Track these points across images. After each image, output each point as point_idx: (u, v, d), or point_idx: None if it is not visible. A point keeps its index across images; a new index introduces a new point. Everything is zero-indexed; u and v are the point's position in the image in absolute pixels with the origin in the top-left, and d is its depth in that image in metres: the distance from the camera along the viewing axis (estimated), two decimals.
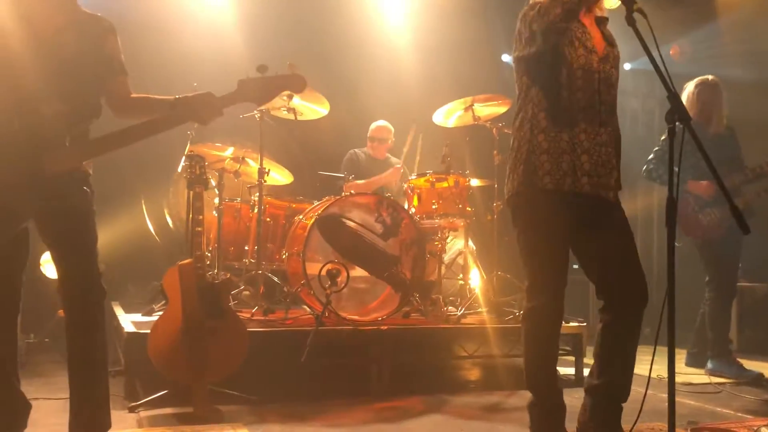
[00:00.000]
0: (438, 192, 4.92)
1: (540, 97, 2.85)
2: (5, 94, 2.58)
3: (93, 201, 2.72)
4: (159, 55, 5.61)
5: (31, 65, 2.59)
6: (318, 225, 4.52)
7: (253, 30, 6.26)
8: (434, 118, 5.43)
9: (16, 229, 2.65)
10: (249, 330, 3.75)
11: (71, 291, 2.62)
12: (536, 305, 2.87)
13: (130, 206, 6.15)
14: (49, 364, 4.78)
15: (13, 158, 2.54)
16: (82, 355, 2.67)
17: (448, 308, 5.00)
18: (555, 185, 2.79)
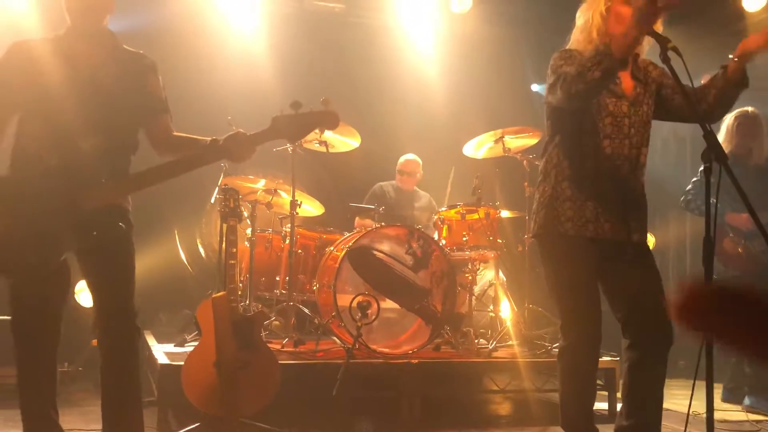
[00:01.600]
0: (468, 224, 4.92)
1: (564, 144, 2.87)
2: (46, 130, 2.66)
3: (132, 236, 2.77)
4: (194, 88, 5.70)
5: (71, 102, 2.67)
6: (349, 257, 4.54)
7: (286, 63, 6.35)
8: (464, 149, 5.45)
9: (56, 261, 2.70)
10: (280, 362, 3.76)
11: (107, 325, 2.67)
12: (570, 343, 2.85)
13: (164, 236, 6.23)
14: (82, 393, 4.83)
15: (52, 193, 2.61)
16: (117, 388, 2.71)
17: (479, 341, 4.96)
18: (576, 231, 2.80)
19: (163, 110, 2.89)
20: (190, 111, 3.49)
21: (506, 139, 5.24)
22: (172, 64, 3.03)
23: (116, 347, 2.70)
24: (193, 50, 6.03)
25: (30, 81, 2.68)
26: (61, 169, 2.63)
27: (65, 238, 2.66)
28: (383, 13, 6.78)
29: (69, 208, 2.61)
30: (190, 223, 6.45)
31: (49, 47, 2.76)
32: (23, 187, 2.63)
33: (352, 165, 6.10)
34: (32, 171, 2.66)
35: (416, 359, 4.33)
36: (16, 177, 2.69)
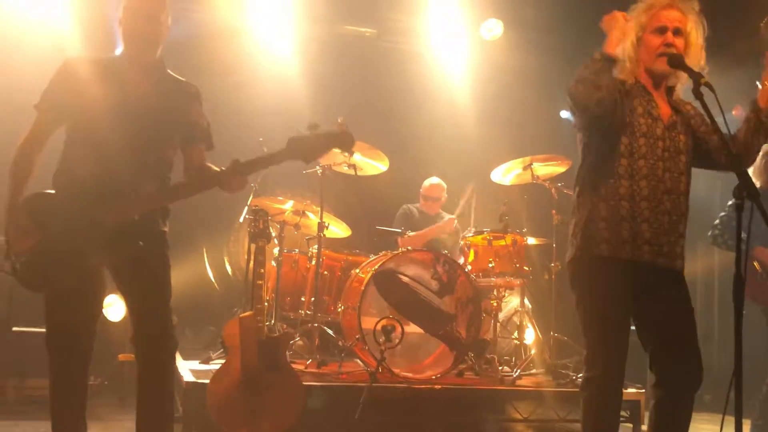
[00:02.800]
0: (495, 250, 4.92)
1: (598, 165, 2.85)
2: (89, 153, 2.74)
3: (167, 253, 2.83)
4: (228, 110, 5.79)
5: (117, 127, 2.75)
6: (374, 280, 4.56)
7: (317, 86, 6.44)
8: (492, 175, 5.46)
9: (86, 276, 2.75)
10: (304, 383, 3.78)
11: (144, 343, 2.72)
12: (595, 375, 2.82)
13: (192, 253, 6.31)
14: (106, 407, 4.88)
15: (87, 212, 2.68)
16: (151, 404, 2.76)
17: (503, 368, 4.95)
18: (612, 252, 2.75)
19: (201, 140, 2.96)
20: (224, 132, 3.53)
21: (535, 166, 5.24)
22: (206, 87, 3.09)
23: (153, 361, 2.75)
24: (227, 73, 6.14)
25: (78, 99, 2.76)
26: (99, 191, 2.70)
27: (95, 254, 2.71)
28: (414, 38, 6.85)
29: (95, 223, 2.67)
30: (219, 241, 6.53)
31: (100, 69, 2.84)
32: (62, 206, 2.70)
33: (380, 188, 6.14)
34: (72, 191, 2.73)
35: (439, 385, 4.32)
36: (57, 196, 2.76)
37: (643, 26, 2.81)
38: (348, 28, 6.70)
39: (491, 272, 4.91)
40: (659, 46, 2.78)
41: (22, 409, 4.70)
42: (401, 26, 6.78)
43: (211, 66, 5.91)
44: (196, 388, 3.85)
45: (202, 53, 5.96)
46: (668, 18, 2.80)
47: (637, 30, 2.81)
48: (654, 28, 2.80)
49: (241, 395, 3.52)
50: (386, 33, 6.82)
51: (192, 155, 2.94)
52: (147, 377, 2.78)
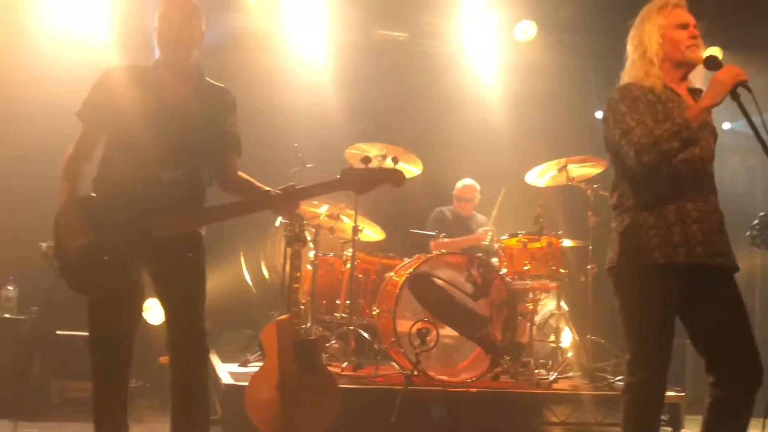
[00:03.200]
0: (530, 252, 4.90)
1: (636, 175, 2.79)
2: (128, 159, 2.79)
3: (204, 261, 2.88)
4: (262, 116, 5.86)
5: (155, 133, 2.80)
6: (408, 283, 4.58)
7: (351, 90, 6.48)
8: (527, 177, 5.43)
9: (127, 282, 2.81)
10: (340, 386, 3.81)
11: (177, 348, 2.78)
12: (638, 380, 2.79)
13: (230, 257, 6.40)
14: (148, 410, 4.98)
15: (128, 219, 2.74)
16: (186, 409, 2.81)
17: (540, 371, 4.92)
18: (667, 258, 2.71)
19: (235, 149, 3.00)
20: (259, 137, 3.59)
21: (570, 167, 5.21)
22: (240, 92, 3.14)
23: (186, 366, 2.81)
24: (261, 78, 6.21)
25: (118, 108, 2.82)
26: (139, 197, 2.76)
27: (137, 261, 2.79)
28: (447, 42, 6.85)
29: (143, 233, 2.73)
30: (255, 245, 6.60)
31: (138, 76, 2.90)
32: (103, 211, 2.77)
33: (414, 191, 6.13)
34: (113, 196, 2.79)
35: (475, 388, 4.32)
36: (98, 200, 2.83)
37: (663, 25, 2.82)
38: (380, 32, 6.72)
39: (526, 275, 4.88)
40: (687, 38, 2.80)
41: (66, 411, 4.81)
42: (433, 29, 6.79)
43: (245, 71, 5.98)
44: (235, 391, 3.91)
45: (236, 59, 6.04)
46: (685, 15, 2.84)
47: (659, 29, 2.82)
48: (676, 24, 2.82)
49: (278, 397, 3.56)
50: (418, 36, 6.83)
51: (224, 163, 2.98)
52: (180, 383, 2.85)
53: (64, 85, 5.08)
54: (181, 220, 2.81)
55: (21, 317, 5.05)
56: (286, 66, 6.49)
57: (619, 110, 2.75)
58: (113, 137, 2.87)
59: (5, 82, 5.13)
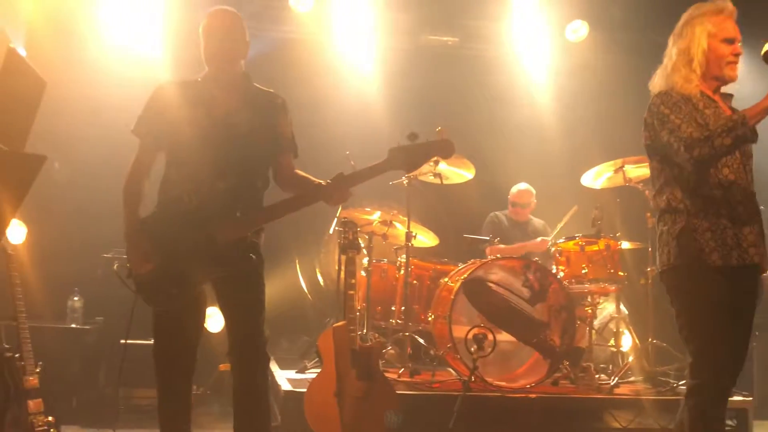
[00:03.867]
0: (588, 256, 4.82)
1: (684, 179, 2.81)
2: (186, 173, 2.86)
3: (263, 269, 2.92)
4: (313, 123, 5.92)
5: (210, 146, 2.86)
6: (464, 288, 4.55)
7: (400, 96, 6.49)
8: (582, 179, 5.35)
9: (193, 292, 2.88)
10: (397, 393, 3.81)
11: (238, 356, 2.83)
12: (701, 383, 2.75)
13: (286, 265, 6.47)
14: (208, 417, 5.07)
15: (191, 231, 2.80)
16: (247, 416, 2.85)
17: (600, 376, 4.83)
18: (723, 260, 2.73)
19: (289, 149, 3.05)
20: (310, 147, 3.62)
21: (627, 168, 5.11)
22: (291, 99, 3.18)
23: (247, 374, 2.85)
24: (311, 87, 6.27)
25: (170, 123, 2.90)
26: (199, 209, 2.83)
27: (202, 272, 2.84)
28: (497, 45, 6.80)
29: (203, 243, 2.79)
30: (310, 252, 6.67)
31: (188, 91, 2.97)
32: (167, 226, 2.84)
33: (467, 196, 6.12)
34: (175, 211, 2.86)
35: (534, 394, 4.27)
36: (161, 216, 2.90)
37: (711, 34, 2.83)
38: (429, 37, 6.72)
39: (584, 278, 4.81)
40: (729, 54, 2.83)
41: (132, 418, 4.93)
42: (483, 32, 6.76)
43: (295, 81, 6.06)
44: (294, 397, 3.95)
45: (287, 69, 6.12)
46: (735, 29, 2.85)
47: (707, 38, 2.82)
48: (724, 37, 2.83)
49: (336, 404, 3.59)
50: (468, 40, 6.81)
51: (282, 164, 3.03)
52: (241, 390, 2.89)
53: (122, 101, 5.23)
54: (238, 225, 2.85)
55: (86, 327, 5.20)
56: (337, 74, 6.55)
57: (662, 112, 2.79)
58: (171, 153, 2.95)
59: (68, 100, 5.30)
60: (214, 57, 2.93)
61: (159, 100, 2.96)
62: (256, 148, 2.94)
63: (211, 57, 2.94)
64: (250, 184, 2.94)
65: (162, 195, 2.95)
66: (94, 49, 5.95)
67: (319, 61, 6.47)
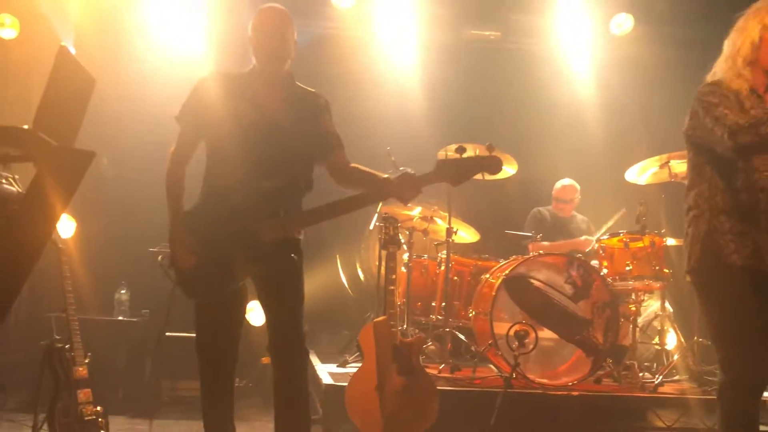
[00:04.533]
0: (632, 252, 4.75)
1: (718, 178, 2.77)
2: (229, 171, 2.89)
3: (302, 265, 2.95)
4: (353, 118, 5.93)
5: (252, 144, 2.88)
6: (505, 285, 4.53)
7: (442, 91, 6.48)
8: (626, 175, 5.27)
9: (232, 287, 2.91)
10: (438, 388, 3.81)
11: (278, 350, 2.86)
12: (733, 379, 2.73)
13: (327, 260, 6.52)
14: (250, 409, 5.13)
15: (233, 227, 2.83)
16: (288, 409, 2.88)
17: (644, 374, 4.76)
18: (743, 262, 2.70)
19: (339, 145, 3.06)
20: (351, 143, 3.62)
21: (672, 163, 5.01)
22: (332, 98, 3.20)
23: (287, 367, 2.88)
24: (352, 83, 6.29)
25: (213, 115, 2.92)
26: (243, 206, 2.85)
27: (242, 268, 2.87)
28: (540, 39, 6.74)
29: (248, 240, 2.82)
30: (351, 248, 6.70)
31: (233, 85, 2.99)
32: (209, 221, 2.88)
33: (509, 192, 6.08)
34: (218, 205, 2.90)
35: (576, 391, 4.23)
36: (205, 209, 2.94)
37: (766, 26, 2.74)
38: (472, 32, 6.68)
39: (629, 275, 4.74)
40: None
41: (176, 409, 5.03)
42: (526, 27, 6.70)
43: (335, 77, 6.09)
44: (335, 391, 3.98)
45: (328, 63, 6.16)
46: None
47: (761, 30, 2.75)
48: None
49: (377, 398, 3.60)
50: (511, 34, 6.75)
51: (335, 161, 3.04)
52: (282, 384, 2.92)
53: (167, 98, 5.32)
54: (281, 225, 2.87)
55: (133, 320, 5.32)
56: (377, 70, 6.56)
57: (709, 102, 2.74)
58: (213, 147, 2.98)
59: (115, 97, 5.41)
60: (264, 55, 2.95)
61: (203, 90, 2.98)
62: (300, 148, 2.96)
63: (261, 55, 2.96)
64: (294, 184, 2.95)
65: (206, 187, 2.99)
66: (139, 48, 6.08)
67: (360, 56, 6.49)
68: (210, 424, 2.99)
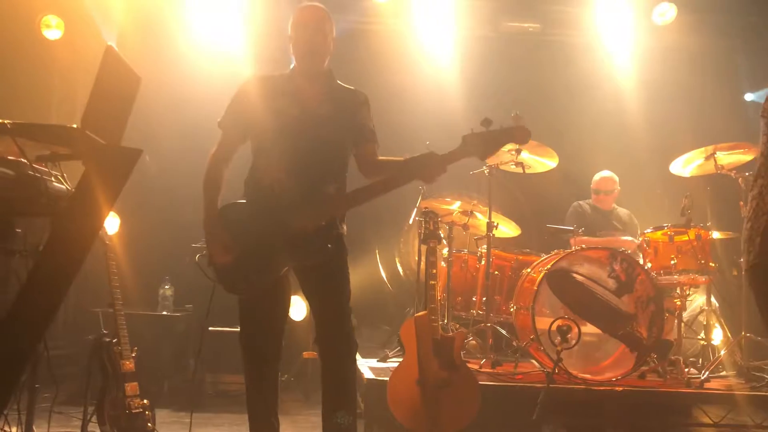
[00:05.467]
0: (677, 246, 4.66)
1: None
2: (273, 165, 2.92)
3: (347, 258, 2.96)
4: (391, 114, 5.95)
5: (295, 137, 2.92)
6: (547, 279, 4.48)
7: (481, 84, 6.45)
8: (671, 167, 5.17)
9: (271, 280, 2.92)
10: (480, 383, 3.80)
11: (327, 342, 2.87)
12: None
13: (366, 255, 6.54)
14: (293, 403, 5.19)
15: (269, 218, 2.86)
16: (337, 401, 2.89)
17: (689, 370, 4.67)
18: None
19: (371, 140, 3.08)
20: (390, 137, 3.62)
21: (718, 155, 4.90)
22: (369, 89, 3.21)
23: (335, 360, 2.90)
24: (390, 76, 6.30)
25: (258, 115, 2.97)
26: (281, 197, 2.88)
27: (279, 260, 2.88)
28: (580, 30, 6.65)
29: (284, 230, 2.83)
30: (390, 243, 6.72)
31: (276, 84, 3.04)
32: (254, 215, 2.91)
33: (549, 185, 6.02)
34: (258, 199, 2.93)
35: (620, 387, 4.17)
36: (247, 204, 2.97)
37: None
38: (510, 24, 6.63)
39: (673, 269, 4.65)
40: None
41: (219, 402, 5.11)
42: (566, 18, 6.62)
43: (374, 70, 6.10)
44: (376, 385, 3.99)
45: (366, 57, 6.17)
46: None
47: None
48: None
49: (419, 393, 3.60)
50: (550, 26, 6.68)
51: (365, 154, 3.06)
52: (330, 376, 2.93)
53: (208, 95, 5.39)
54: (314, 212, 2.85)
55: (177, 314, 5.41)
56: (416, 64, 6.56)
57: None
58: (259, 143, 3.02)
59: (157, 95, 5.50)
60: (305, 53, 2.98)
61: (246, 93, 3.03)
62: (342, 140, 3.00)
63: (301, 53, 2.99)
64: (332, 176, 2.97)
65: (249, 183, 3.03)
66: (181, 47, 6.17)
67: (398, 50, 6.49)
68: (255, 418, 3.02)
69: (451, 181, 6.16)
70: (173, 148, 5.82)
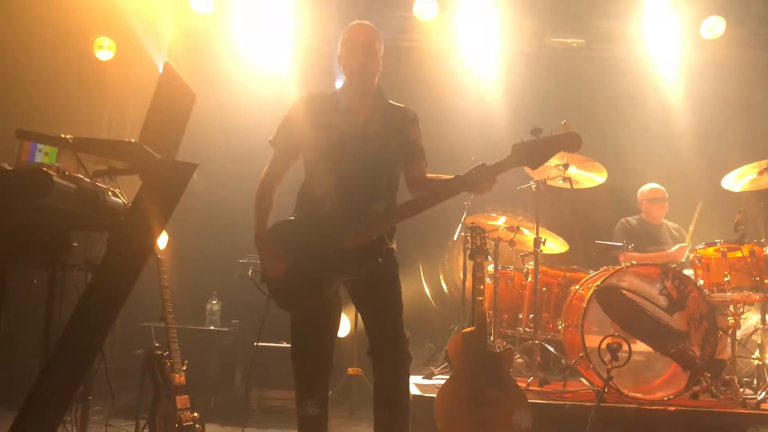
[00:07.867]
0: (730, 262, 4.55)
1: None
2: (327, 181, 2.94)
3: (398, 272, 2.96)
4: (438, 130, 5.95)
5: (346, 153, 2.95)
6: (597, 296, 4.41)
7: (526, 100, 6.41)
8: (723, 182, 5.06)
9: (324, 295, 2.93)
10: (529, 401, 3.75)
11: (380, 356, 2.87)
12: None
13: (410, 271, 6.52)
14: (338, 419, 5.15)
15: (320, 234, 2.87)
16: (389, 414, 2.88)
17: (744, 390, 4.55)
18: None
19: (420, 157, 3.10)
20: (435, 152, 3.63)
21: None
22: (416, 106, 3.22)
23: (389, 372, 2.90)
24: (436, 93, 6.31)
25: (310, 133, 3.00)
26: (331, 214, 2.90)
27: (331, 275, 2.89)
28: (625, 45, 6.57)
29: (334, 246, 2.85)
30: (434, 259, 6.69)
31: (327, 102, 3.08)
32: (305, 230, 2.93)
33: (596, 201, 5.94)
34: (308, 216, 2.96)
35: (673, 407, 4.08)
36: (299, 220, 3.00)
37: None
38: (554, 40, 6.59)
39: (726, 287, 4.54)
40: None
41: (264, 418, 5.11)
42: (612, 33, 6.55)
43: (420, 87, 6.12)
44: (423, 402, 3.97)
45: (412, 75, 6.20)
46: None
47: None
48: None
49: (467, 410, 3.57)
50: (595, 41, 6.61)
51: (414, 171, 3.08)
52: (383, 389, 2.92)
53: (254, 113, 5.48)
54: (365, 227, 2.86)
55: (224, 329, 5.45)
56: (461, 81, 6.56)
57: None
58: (311, 160, 3.05)
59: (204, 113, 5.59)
60: (355, 71, 3.01)
61: (297, 112, 3.07)
62: (393, 157, 3.02)
63: (352, 71, 3.02)
64: (382, 192, 2.98)
65: (301, 196, 3.06)
66: (228, 66, 6.28)
67: (443, 68, 6.51)
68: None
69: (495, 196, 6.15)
70: (221, 165, 5.91)
